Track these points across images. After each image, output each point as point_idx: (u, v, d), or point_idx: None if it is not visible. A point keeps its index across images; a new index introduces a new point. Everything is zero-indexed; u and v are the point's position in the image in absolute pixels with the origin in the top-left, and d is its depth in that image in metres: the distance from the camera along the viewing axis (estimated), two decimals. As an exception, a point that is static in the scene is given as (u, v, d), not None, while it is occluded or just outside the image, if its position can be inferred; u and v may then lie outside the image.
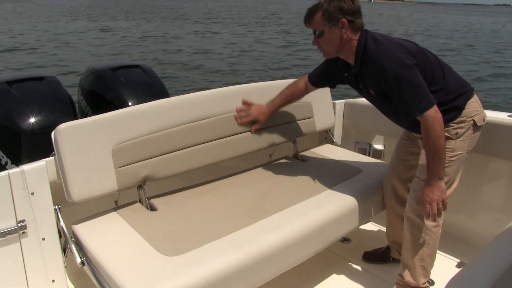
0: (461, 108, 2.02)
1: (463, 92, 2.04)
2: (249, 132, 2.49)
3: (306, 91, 2.47)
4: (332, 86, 2.46)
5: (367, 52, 1.97)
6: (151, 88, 3.03)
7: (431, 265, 2.16)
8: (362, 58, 2.00)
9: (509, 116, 2.39)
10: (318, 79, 2.41)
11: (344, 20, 1.97)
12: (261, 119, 2.47)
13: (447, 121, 1.99)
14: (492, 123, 2.35)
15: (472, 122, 2.05)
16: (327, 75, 2.35)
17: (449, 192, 2.05)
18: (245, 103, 2.46)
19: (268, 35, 25.64)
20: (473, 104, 2.06)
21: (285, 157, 2.76)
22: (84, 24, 29.40)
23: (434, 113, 1.89)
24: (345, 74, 2.19)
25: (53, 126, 1.89)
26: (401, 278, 2.19)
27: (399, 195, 2.31)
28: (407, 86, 1.88)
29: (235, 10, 57.96)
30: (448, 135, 2.01)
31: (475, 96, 2.08)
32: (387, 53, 1.91)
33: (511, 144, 2.35)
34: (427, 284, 2.20)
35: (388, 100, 2.01)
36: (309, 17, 2.07)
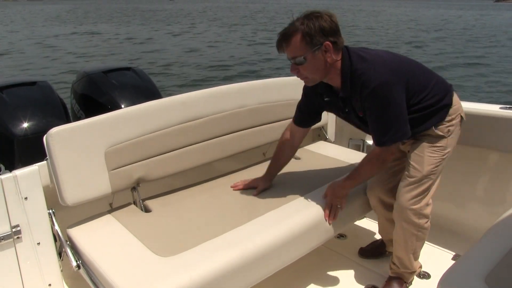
0: (450, 105, 2.02)
1: (447, 90, 2.04)
2: (242, 131, 2.50)
3: (294, 138, 2.26)
4: (319, 118, 2.25)
5: (355, 73, 1.84)
6: (143, 90, 3.03)
7: (421, 248, 2.18)
8: (351, 80, 1.86)
9: (501, 108, 2.40)
10: (305, 116, 2.21)
11: (328, 42, 1.80)
12: (260, 184, 2.28)
13: (440, 121, 1.99)
14: (484, 116, 2.37)
15: (460, 117, 2.06)
16: (312, 108, 2.17)
17: (434, 189, 2.06)
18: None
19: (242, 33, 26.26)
20: (456, 100, 2.07)
21: None
22: (67, 28, 29.85)
23: (394, 149, 1.91)
24: (326, 99, 2.05)
25: (46, 131, 1.89)
26: (397, 268, 2.19)
27: (387, 203, 2.23)
28: (391, 113, 1.83)
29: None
30: (441, 133, 2.00)
31: (454, 91, 2.10)
32: (377, 75, 1.80)
33: (504, 136, 2.36)
34: (420, 264, 2.25)
35: None
36: (285, 42, 1.83)
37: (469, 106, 2.44)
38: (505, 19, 47.05)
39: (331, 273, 2.43)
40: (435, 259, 2.48)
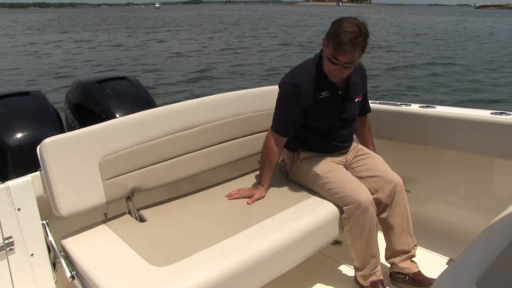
0: None
1: None
2: (237, 140, 2.50)
3: (280, 146, 2.33)
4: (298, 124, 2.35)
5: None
6: (138, 99, 3.02)
7: None
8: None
9: (492, 113, 2.42)
10: (295, 124, 2.29)
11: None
12: (256, 193, 2.30)
13: None
14: (475, 121, 2.40)
15: None
16: (302, 112, 2.25)
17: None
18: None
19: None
20: None
21: None
22: (52, 36, 30.08)
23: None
24: (324, 94, 2.23)
25: (40, 141, 1.88)
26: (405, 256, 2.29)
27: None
28: None
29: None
30: None
31: None
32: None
33: (495, 141, 2.39)
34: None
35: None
36: (359, 49, 2.02)
37: (460, 112, 2.48)
38: (471, 23, 49.56)
39: (327, 280, 2.43)
40: (429, 264, 2.48)
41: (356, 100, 2.36)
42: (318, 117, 2.26)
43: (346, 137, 2.39)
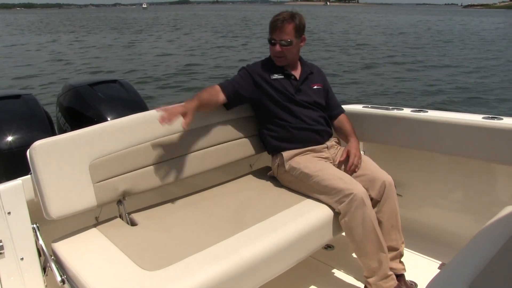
0: None
1: None
2: (228, 143, 2.50)
3: (216, 103, 2.40)
4: (245, 100, 2.50)
5: (304, 60, 2.59)
6: (129, 102, 3.02)
7: None
8: (306, 64, 2.57)
9: (483, 118, 2.43)
10: (239, 86, 2.43)
11: (304, 36, 2.47)
12: (187, 111, 2.17)
13: None
14: (467, 125, 2.40)
15: None
16: (252, 85, 2.46)
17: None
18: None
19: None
20: None
21: (265, 167, 2.76)
22: (41, 38, 29.78)
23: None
24: (275, 76, 2.47)
25: (31, 144, 1.87)
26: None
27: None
28: None
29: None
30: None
31: None
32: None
33: (486, 146, 2.39)
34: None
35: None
36: (281, 27, 2.36)
37: (452, 116, 2.49)
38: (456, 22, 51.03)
39: (318, 284, 2.44)
40: (422, 268, 2.50)
41: (315, 87, 2.53)
42: (274, 91, 2.44)
43: (316, 123, 2.47)
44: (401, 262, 2.31)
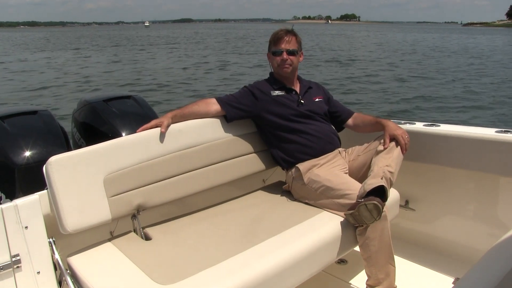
0: None
1: None
2: (242, 157, 2.52)
3: (208, 112, 2.47)
4: (245, 113, 2.56)
5: (301, 78, 2.72)
6: (143, 118, 3.04)
7: None
8: (304, 81, 2.71)
9: (496, 132, 2.42)
10: (236, 102, 2.52)
11: (302, 52, 2.68)
12: (163, 120, 2.28)
13: None
14: (480, 139, 2.40)
15: None
16: (250, 98, 2.55)
17: None
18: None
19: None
20: None
21: (278, 182, 2.78)
22: (45, 54, 30.09)
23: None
24: (277, 93, 2.57)
25: (47, 160, 1.91)
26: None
27: None
28: None
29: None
30: None
31: None
32: None
33: (500, 159, 2.38)
34: None
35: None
36: (286, 38, 2.54)
37: (465, 130, 2.48)
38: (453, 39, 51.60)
39: None
40: (435, 284, 2.48)
41: (316, 100, 2.64)
42: (277, 105, 2.52)
43: (323, 132, 2.54)
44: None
